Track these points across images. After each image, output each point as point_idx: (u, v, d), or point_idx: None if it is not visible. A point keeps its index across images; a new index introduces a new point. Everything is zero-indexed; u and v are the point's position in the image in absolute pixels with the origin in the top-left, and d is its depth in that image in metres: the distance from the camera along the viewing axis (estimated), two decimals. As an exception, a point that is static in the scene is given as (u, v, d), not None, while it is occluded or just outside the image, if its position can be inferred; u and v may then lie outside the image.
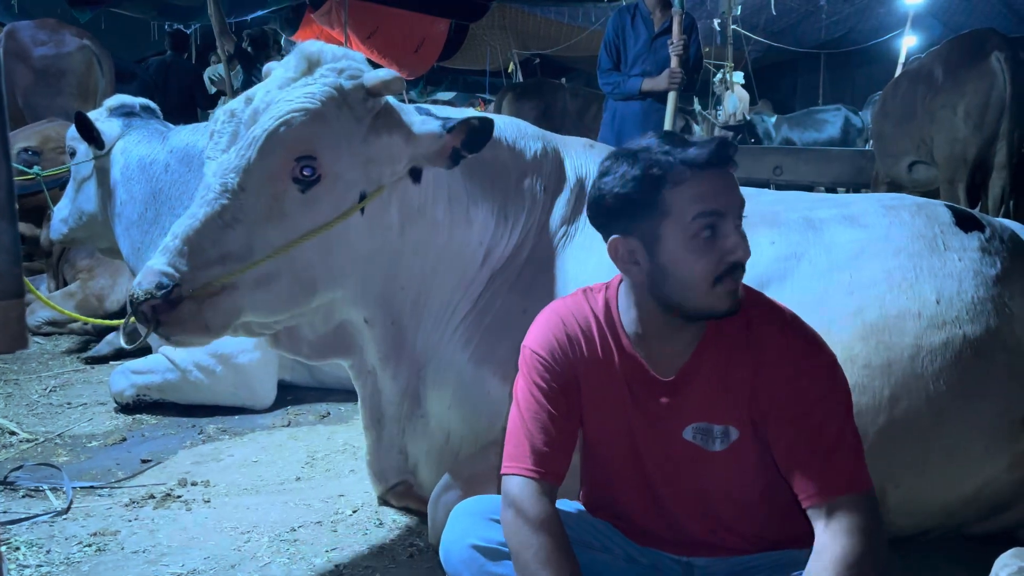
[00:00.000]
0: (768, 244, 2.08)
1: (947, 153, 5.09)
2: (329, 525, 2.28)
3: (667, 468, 1.51)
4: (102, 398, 3.39)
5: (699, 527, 1.53)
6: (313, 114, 1.81)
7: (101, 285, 4.33)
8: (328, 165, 1.83)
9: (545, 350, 1.51)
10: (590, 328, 1.52)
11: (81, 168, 3.51)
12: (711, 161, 1.35)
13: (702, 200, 1.35)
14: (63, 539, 2.18)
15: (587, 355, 1.51)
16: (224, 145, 1.85)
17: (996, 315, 1.95)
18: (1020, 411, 1.91)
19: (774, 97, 15.21)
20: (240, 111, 1.87)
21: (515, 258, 2.16)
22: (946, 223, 2.11)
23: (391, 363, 2.12)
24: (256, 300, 1.82)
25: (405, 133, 1.93)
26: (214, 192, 1.79)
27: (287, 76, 1.90)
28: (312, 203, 1.83)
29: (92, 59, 6.12)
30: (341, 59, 1.93)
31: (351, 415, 3.23)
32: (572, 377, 1.50)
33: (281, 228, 1.81)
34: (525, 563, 1.37)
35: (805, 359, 1.41)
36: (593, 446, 1.57)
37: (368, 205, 1.90)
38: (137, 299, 1.70)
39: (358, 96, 1.88)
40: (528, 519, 1.40)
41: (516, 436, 1.49)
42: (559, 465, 1.47)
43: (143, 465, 2.71)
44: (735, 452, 1.46)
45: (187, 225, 1.77)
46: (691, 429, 1.47)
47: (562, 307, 1.56)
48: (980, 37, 5.05)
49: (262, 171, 1.79)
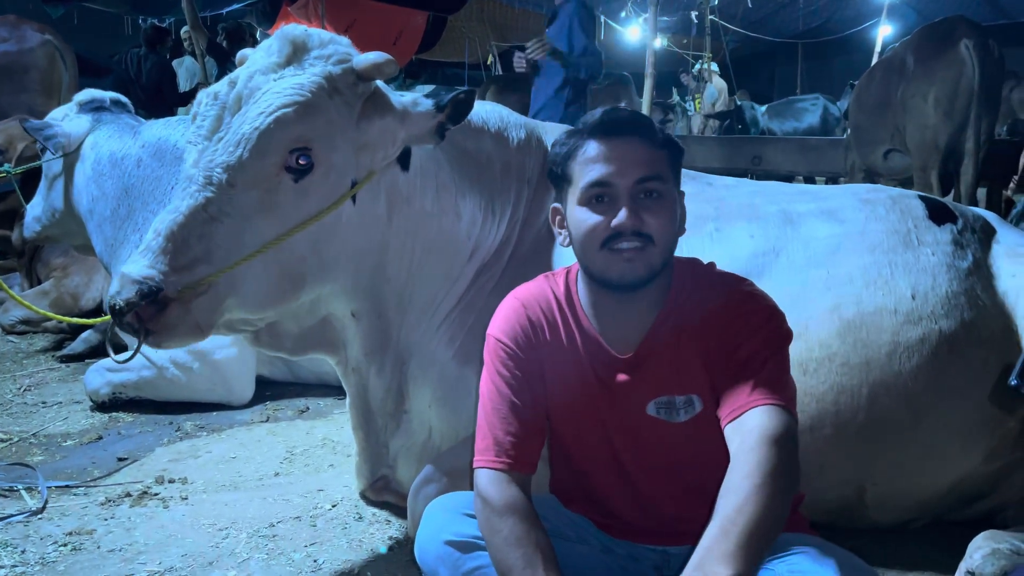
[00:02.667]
0: (747, 238, 2.09)
1: (918, 140, 5.15)
2: (308, 520, 2.27)
3: (635, 447, 1.52)
4: (77, 396, 3.35)
5: (671, 509, 1.54)
6: (305, 106, 1.76)
7: (75, 283, 4.28)
8: (322, 154, 1.78)
9: (508, 337, 1.52)
10: (552, 311, 1.54)
11: (53, 165, 3.46)
12: (596, 132, 1.47)
13: (593, 169, 1.45)
14: (38, 539, 2.16)
15: (550, 339, 1.52)
16: (208, 129, 1.78)
17: (970, 308, 1.98)
18: (995, 405, 1.94)
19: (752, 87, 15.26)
20: (224, 94, 1.81)
21: (500, 254, 2.13)
22: (920, 217, 2.13)
23: (376, 358, 2.10)
24: (245, 296, 1.77)
25: (398, 115, 1.90)
26: (197, 184, 1.72)
27: (271, 61, 1.84)
28: (305, 193, 1.78)
29: (55, 54, 6.01)
30: (328, 44, 1.87)
31: (330, 410, 3.22)
32: (537, 363, 1.52)
33: (273, 220, 1.76)
34: (496, 548, 1.37)
35: (743, 307, 1.47)
36: (562, 433, 1.57)
37: (359, 194, 1.87)
38: (119, 309, 1.61)
39: (348, 81, 1.84)
40: (495, 507, 1.40)
41: (482, 430, 1.50)
42: (527, 453, 1.47)
43: (119, 463, 2.68)
44: (701, 421, 1.47)
45: (170, 220, 1.69)
46: (653, 404, 1.49)
47: (524, 292, 1.58)
48: (949, 25, 5.11)
49: (255, 169, 1.73)
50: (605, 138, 1.46)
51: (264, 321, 1.95)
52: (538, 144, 2.25)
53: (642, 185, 1.43)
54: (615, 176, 1.43)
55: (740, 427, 1.36)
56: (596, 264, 1.46)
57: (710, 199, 2.25)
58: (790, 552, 1.40)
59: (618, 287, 1.46)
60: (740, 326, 1.45)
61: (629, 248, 1.42)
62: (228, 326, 1.88)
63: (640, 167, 1.43)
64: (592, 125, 1.48)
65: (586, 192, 1.45)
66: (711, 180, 2.41)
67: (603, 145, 1.45)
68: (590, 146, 1.47)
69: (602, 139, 1.46)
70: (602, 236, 1.43)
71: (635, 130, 1.46)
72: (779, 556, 1.40)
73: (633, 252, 1.42)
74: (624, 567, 1.55)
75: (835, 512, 1.96)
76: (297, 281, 1.84)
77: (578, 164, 1.48)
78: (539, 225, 2.18)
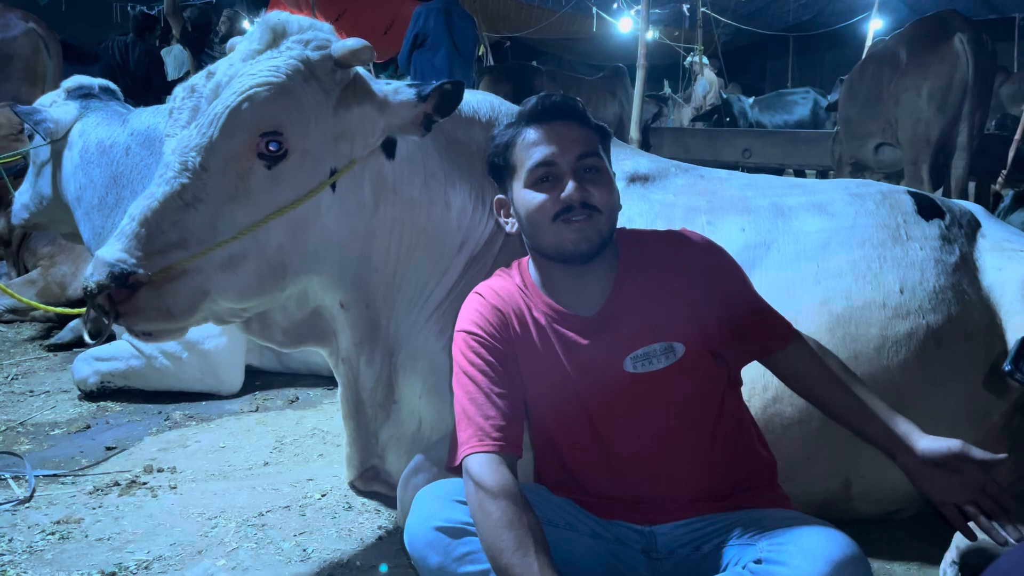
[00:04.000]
0: (739, 231, 2.09)
1: (911, 134, 5.17)
2: (297, 509, 2.27)
3: (616, 412, 1.53)
4: (65, 386, 3.33)
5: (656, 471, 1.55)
6: (278, 88, 1.75)
7: (63, 272, 4.25)
8: (295, 140, 1.77)
9: (477, 327, 1.56)
10: (512, 297, 1.59)
11: (41, 152, 3.43)
12: (533, 118, 1.57)
13: (536, 151, 1.54)
14: (25, 527, 2.15)
15: (517, 326, 1.57)
16: (184, 121, 1.78)
17: (956, 302, 1.99)
18: (981, 399, 1.95)
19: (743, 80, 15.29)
20: (201, 86, 1.80)
21: (491, 245, 2.12)
22: (908, 211, 2.14)
23: (366, 348, 2.09)
24: (222, 284, 1.76)
25: (378, 103, 1.89)
26: (173, 171, 1.72)
27: (251, 48, 1.83)
28: (279, 180, 1.77)
29: (39, 42, 5.96)
30: (308, 30, 1.86)
31: (320, 400, 3.21)
32: (507, 348, 1.55)
33: (247, 207, 1.75)
34: (487, 531, 1.38)
35: (717, 256, 1.63)
36: (541, 417, 1.59)
37: (340, 182, 1.86)
38: (91, 291, 1.63)
39: (326, 67, 1.83)
40: (488, 489, 1.41)
41: (462, 423, 1.51)
42: (512, 435, 1.48)
43: (108, 452, 2.67)
44: (685, 364, 1.53)
45: (144, 206, 1.70)
46: (630, 360, 1.53)
47: (485, 287, 1.65)
48: (943, 19, 5.12)
49: (225, 149, 1.73)
50: (542, 123, 1.56)
51: (251, 311, 1.94)
52: None
53: (583, 161, 1.53)
54: (557, 156, 1.53)
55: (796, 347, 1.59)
56: (549, 238, 1.53)
57: (702, 192, 2.25)
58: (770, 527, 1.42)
59: (572, 257, 1.53)
60: (719, 270, 1.60)
61: (579, 220, 1.50)
62: (216, 316, 1.88)
63: (579, 144, 1.54)
64: (529, 112, 1.58)
65: (531, 174, 1.54)
66: (703, 173, 2.41)
67: (541, 129, 1.55)
68: (529, 132, 1.57)
69: (540, 124, 1.56)
70: (552, 211, 1.51)
71: (569, 113, 1.57)
72: (762, 531, 1.41)
73: (583, 222, 1.50)
74: (612, 551, 1.56)
75: (821, 505, 1.96)
76: (278, 270, 1.83)
77: (520, 150, 1.57)
78: None
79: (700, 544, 1.49)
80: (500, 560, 1.34)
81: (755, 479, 1.57)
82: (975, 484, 1.43)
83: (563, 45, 15.22)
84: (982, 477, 1.43)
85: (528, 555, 1.33)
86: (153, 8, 9.28)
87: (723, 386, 1.59)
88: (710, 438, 1.55)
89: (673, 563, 1.51)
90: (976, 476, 1.43)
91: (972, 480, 1.43)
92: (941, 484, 1.45)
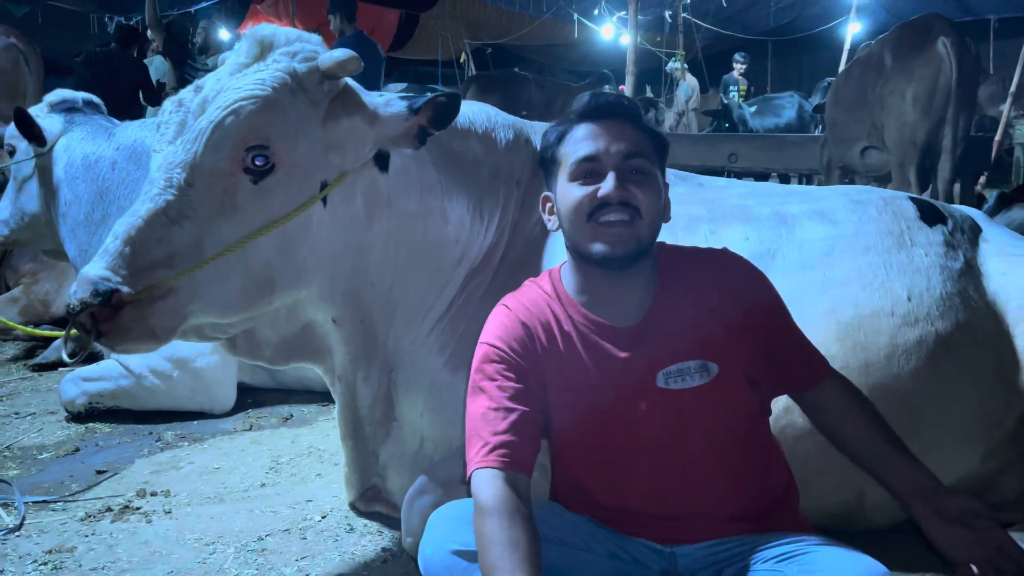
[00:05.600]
0: (742, 240, 2.07)
1: (896, 138, 5.20)
2: (298, 532, 2.21)
3: (641, 427, 1.49)
4: (52, 407, 3.25)
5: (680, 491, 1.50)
6: (264, 101, 1.72)
7: (46, 290, 4.17)
8: (283, 153, 1.74)
9: (501, 342, 1.50)
10: (543, 312, 1.53)
11: (22, 167, 3.36)
12: (584, 115, 1.52)
13: (580, 148, 1.49)
14: (16, 558, 2.08)
15: (545, 340, 1.51)
16: (171, 136, 1.76)
17: (964, 309, 1.98)
18: (992, 406, 1.94)
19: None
20: (188, 100, 1.78)
21: (490, 259, 2.08)
22: (911, 218, 2.13)
23: (362, 364, 2.04)
24: (208, 301, 1.73)
25: (368, 115, 1.86)
26: (158, 187, 1.70)
27: (239, 62, 1.82)
28: (267, 194, 1.74)
29: (19, 57, 5.90)
30: (295, 42, 1.84)
31: (315, 417, 3.16)
32: (532, 365, 1.49)
33: (234, 223, 1.72)
34: (479, 549, 1.34)
35: (758, 282, 1.58)
36: (565, 432, 1.54)
37: (331, 196, 1.82)
38: (73, 309, 1.60)
39: (313, 79, 1.80)
40: (480, 506, 1.37)
41: (471, 439, 1.46)
42: (521, 452, 1.43)
43: (98, 476, 2.60)
44: (717, 384, 1.48)
45: (129, 223, 1.67)
46: (662, 375, 1.47)
47: (512, 299, 1.58)
48: (927, 23, 5.16)
49: (210, 164, 1.70)
50: (593, 120, 1.51)
51: (236, 328, 1.90)
52: (527, 144, 2.20)
53: (629, 161, 1.47)
54: (602, 152, 1.47)
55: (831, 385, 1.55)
56: (584, 238, 1.47)
57: (702, 200, 2.23)
58: (800, 552, 1.39)
59: (607, 260, 1.47)
60: (762, 296, 1.56)
61: (616, 220, 1.45)
62: (197, 332, 1.84)
63: (627, 143, 1.48)
64: (581, 109, 1.54)
65: (575, 168, 1.49)
66: (701, 181, 2.39)
67: (591, 125, 1.51)
68: (579, 128, 1.52)
69: (590, 121, 1.51)
70: (588, 208, 1.46)
71: (622, 111, 1.52)
72: (789, 557, 1.39)
73: (620, 225, 1.45)
74: (630, 573, 1.52)
75: (835, 516, 1.94)
76: (265, 286, 1.79)
77: (567, 145, 1.52)
78: (530, 227, 2.13)
79: (722, 567, 1.46)
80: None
81: (779, 504, 1.54)
82: (991, 542, 1.36)
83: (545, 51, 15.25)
84: (999, 536, 1.36)
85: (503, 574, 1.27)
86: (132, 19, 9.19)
87: (754, 412, 1.55)
88: (736, 461, 1.51)
89: (694, 586, 1.48)
90: (993, 535, 1.36)
91: (989, 539, 1.36)
92: (955, 540, 1.38)
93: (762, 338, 1.52)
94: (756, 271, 1.59)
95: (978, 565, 1.35)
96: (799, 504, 1.60)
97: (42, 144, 3.25)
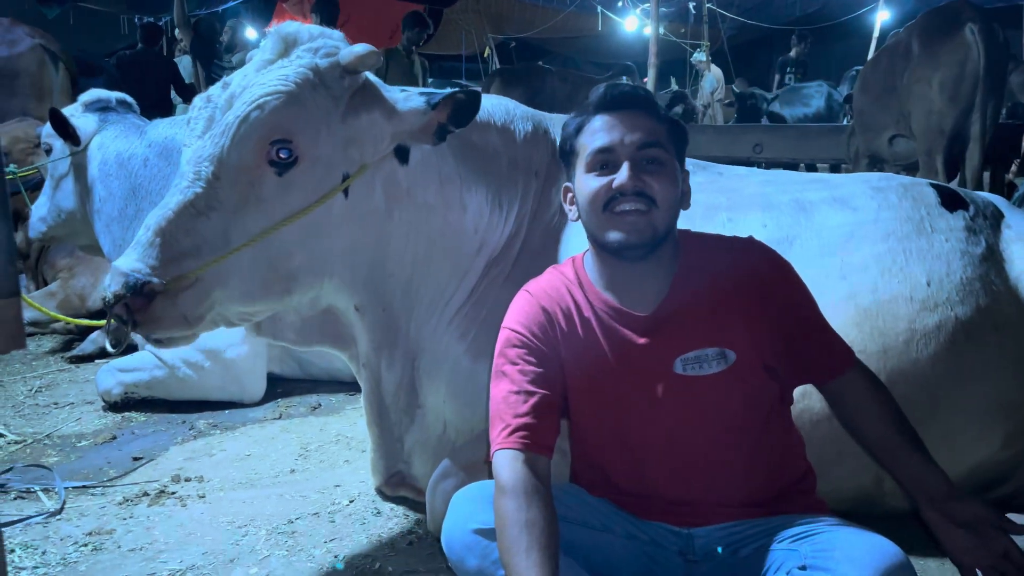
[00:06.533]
0: (760, 227, 2.08)
1: (924, 126, 5.13)
2: (327, 516, 2.28)
3: (657, 413, 1.51)
4: (89, 397, 3.35)
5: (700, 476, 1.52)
6: (287, 96, 1.78)
7: (82, 284, 4.28)
8: (305, 147, 1.80)
9: (522, 326, 1.54)
10: (564, 299, 1.56)
11: (58, 165, 3.46)
12: (601, 106, 1.54)
13: (596, 139, 1.52)
14: (58, 540, 2.16)
15: (565, 326, 1.54)
16: (200, 131, 1.82)
17: (985, 294, 1.97)
18: (1012, 391, 1.93)
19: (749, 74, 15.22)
20: (216, 96, 1.85)
21: (509, 248, 2.12)
22: (932, 204, 2.12)
23: (385, 352, 2.10)
24: (233, 289, 1.80)
25: (387, 110, 1.90)
26: (187, 180, 1.76)
27: (265, 59, 1.88)
28: (290, 187, 1.80)
29: (44, 58, 6.03)
30: (317, 38, 1.89)
31: (342, 406, 3.22)
32: (552, 351, 1.52)
33: (258, 214, 1.79)
34: (497, 528, 1.37)
35: (781, 271, 1.58)
36: (584, 416, 1.58)
37: (352, 188, 1.87)
38: (108, 301, 1.68)
39: (334, 74, 1.85)
40: (500, 486, 1.40)
41: (494, 420, 1.50)
42: (541, 434, 1.46)
43: (135, 463, 2.69)
44: (735, 372, 1.49)
45: (159, 216, 1.74)
46: (680, 362, 1.49)
47: (534, 285, 1.61)
48: (954, 9, 5.08)
49: (236, 158, 1.76)
50: (609, 111, 1.53)
51: (261, 315, 1.96)
52: (545, 136, 2.23)
53: (644, 151, 1.49)
54: (617, 142, 1.50)
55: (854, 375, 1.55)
56: (601, 228, 1.50)
57: (722, 189, 2.24)
58: (815, 532, 1.41)
59: (624, 249, 1.49)
60: (784, 284, 1.55)
61: (632, 209, 1.47)
62: (224, 319, 1.89)
63: (642, 133, 1.50)
64: (597, 100, 1.56)
65: (591, 159, 1.52)
66: (721, 170, 2.40)
67: (608, 116, 1.53)
68: (596, 119, 1.54)
69: (606, 112, 1.53)
70: (604, 198, 1.49)
71: (637, 102, 1.54)
72: (804, 536, 1.41)
73: (636, 214, 1.47)
74: (648, 553, 1.55)
75: (853, 500, 1.95)
76: (287, 276, 1.85)
77: (584, 136, 1.55)
78: (548, 217, 2.17)
79: (738, 548, 1.48)
80: (503, 558, 1.35)
81: (795, 488, 1.55)
82: (997, 549, 1.38)
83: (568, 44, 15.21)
84: (1006, 543, 1.38)
85: (518, 554, 1.31)
86: (160, 19, 9.33)
87: (773, 400, 1.55)
88: (753, 448, 1.52)
89: (710, 566, 1.50)
90: (1000, 542, 1.38)
91: (995, 545, 1.38)
92: (962, 544, 1.41)
93: (782, 327, 1.52)
94: (779, 260, 1.59)
95: (983, 570, 1.38)
96: (816, 489, 1.62)
97: (76, 143, 3.34)
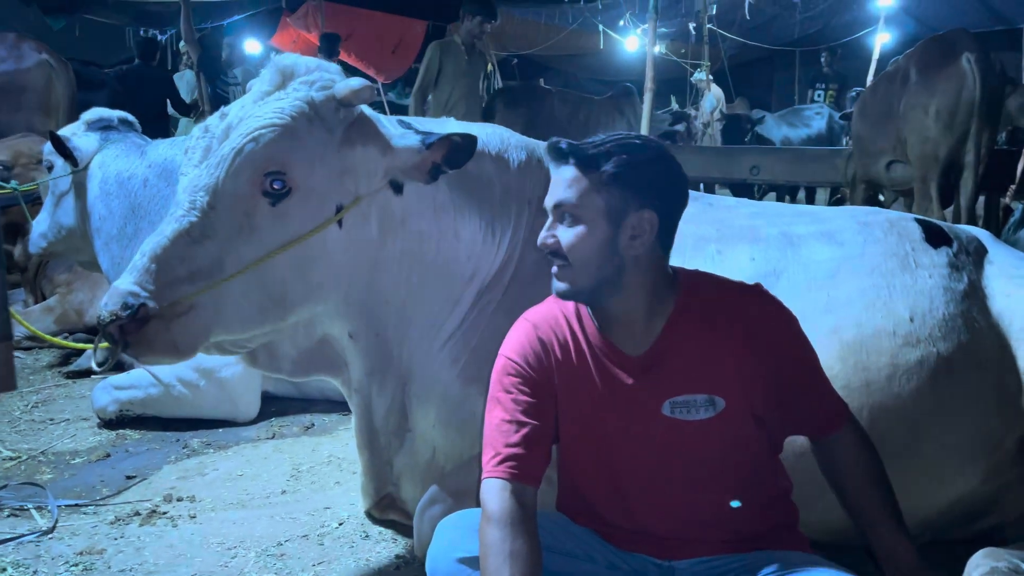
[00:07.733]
0: (748, 261, 2.11)
1: (919, 152, 5.18)
2: (316, 539, 2.30)
3: (644, 453, 1.53)
4: (84, 413, 3.37)
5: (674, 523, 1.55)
6: (282, 129, 1.81)
7: (80, 299, 4.31)
8: (299, 178, 1.83)
9: (518, 355, 1.56)
10: (561, 329, 1.58)
11: (60, 182, 3.50)
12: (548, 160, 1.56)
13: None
14: (49, 559, 2.18)
15: (561, 356, 1.56)
16: (197, 160, 1.86)
17: (966, 330, 2.00)
18: (993, 426, 1.96)
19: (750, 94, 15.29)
20: (214, 126, 1.88)
21: (501, 276, 2.14)
22: (917, 239, 2.15)
23: (377, 377, 2.12)
24: (228, 316, 1.82)
25: (381, 145, 1.94)
26: (183, 208, 1.80)
27: (262, 90, 1.92)
28: (284, 217, 1.83)
29: (50, 74, 6.08)
30: (314, 71, 1.93)
31: (335, 426, 3.24)
32: (547, 381, 1.55)
33: (252, 243, 1.82)
34: (480, 556, 1.40)
35: (781, 323, 1.58)
36: (573, 447, 1.60)
37: (346, 218, 1.91)
38: (103, 320, 1.71)
39: (329, 107, 1.89)
40: (486, 515, 1.43)
41: (486, 447, 1.53)
42: (530, 464, 1.49)
43: (128, 481, 2.71)
44: (722, 419, 1.50)
45: (155, 243, 1.78)
46: (668, 404, 1.50)
47: (533, 314, 1.63)
48: (952, 39, 5.14)
49: (231, 188, 1.80)
50: (552, 164, 1.55)
51: (255, 342, 1.99)
52: (539, 165, 2.25)
53: (558, 210, 1.51)
54: (548, 201, 1.53)
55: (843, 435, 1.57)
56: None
57: (711, 220, 2.27)
58: (793, 571, 1.44)
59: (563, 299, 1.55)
60: (787, 340, 1.56)
61: (553, 266, 1.52)
62: (218, 347, 1.93)
63: (561, 190, 1.51)
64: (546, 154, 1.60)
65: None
66: (711, 200, 2.44)
67: (552, 170, 1.56)
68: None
69: (551, 165, 1.56)
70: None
71: (563, 156, 1.52)
72: (782, 573, 1.43)
73: (555, 273, 1.52)
74: (629, 584, 1.58)
75: (838, 532, 1.96)
76: (280, 303, 1.88)
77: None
78: None
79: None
80: None
81: (779, 525, 1.57)
82: None
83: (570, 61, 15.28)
84: None
85: None
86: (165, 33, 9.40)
87: (762, 448, 1.57)
88: (737, 492, 1.54)
89: (690, 599, 1.53)
90: None
91: None
92: None
93: (778, 381, 1.53)
94: (782, 312, 1.58)
95: None
96: (799, 522, 1.64)
97: (75, 164, 3.38)
